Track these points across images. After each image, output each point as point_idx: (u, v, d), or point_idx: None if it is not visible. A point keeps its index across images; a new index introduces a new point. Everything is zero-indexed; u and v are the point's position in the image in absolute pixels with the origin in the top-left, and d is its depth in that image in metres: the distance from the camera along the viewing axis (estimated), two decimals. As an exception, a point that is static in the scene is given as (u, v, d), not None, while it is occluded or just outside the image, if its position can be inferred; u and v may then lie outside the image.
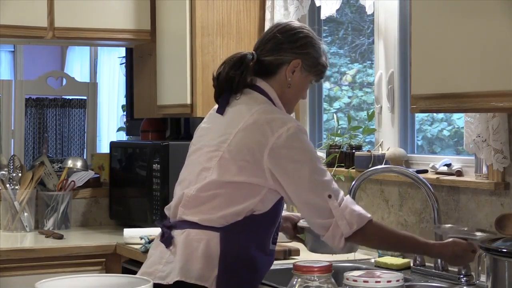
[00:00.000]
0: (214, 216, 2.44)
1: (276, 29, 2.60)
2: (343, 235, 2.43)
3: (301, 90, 2.61)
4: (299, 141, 2.43)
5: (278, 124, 2.43)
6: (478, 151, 2.86)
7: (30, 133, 6.77)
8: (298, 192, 2.43)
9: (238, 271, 2.44)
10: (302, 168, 2.41)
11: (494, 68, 2.25)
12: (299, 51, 2.57)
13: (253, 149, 2.41)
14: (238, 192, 2.43)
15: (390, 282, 1.99)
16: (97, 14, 4.17)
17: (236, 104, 2.53)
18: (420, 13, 2.54)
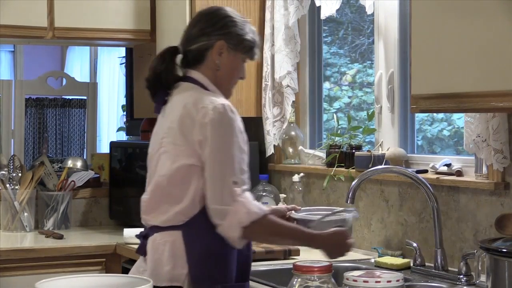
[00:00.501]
0: (171, 215, 2.49)
1: (196, 17, 2.65)
2: (240, 224, 2.42)
3: (234, 70, 2.63)
4: (222, 121, 2.45)
5: (205, 103, 2.47)
6: (478, 151, 2.86)
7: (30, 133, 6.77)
8: (208, 172, 2.45)
9: (208, 264, 2.47)
10: (218, 149, 2.44)
11: (494, 68, 2.25)
12: (220, 32, 2.59)
13: (185, 132, 2.47)
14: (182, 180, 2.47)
15: (390, 282, 2.00)
16: (97, 14, 4.17)
17: (170, 100, 2.58)
18: (420, 13, 2.54)
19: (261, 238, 2.58)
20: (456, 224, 3.00)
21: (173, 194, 2.49)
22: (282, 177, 4.06)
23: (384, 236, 3.36)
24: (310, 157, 3.89)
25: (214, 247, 2.47)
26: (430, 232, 3.09)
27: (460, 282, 2.75)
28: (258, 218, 2.43)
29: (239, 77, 2.67)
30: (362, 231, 3.50)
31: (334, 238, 2.56)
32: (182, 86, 2.59)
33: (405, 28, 3.37)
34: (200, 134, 2.45)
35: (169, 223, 2.50)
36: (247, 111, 4.09)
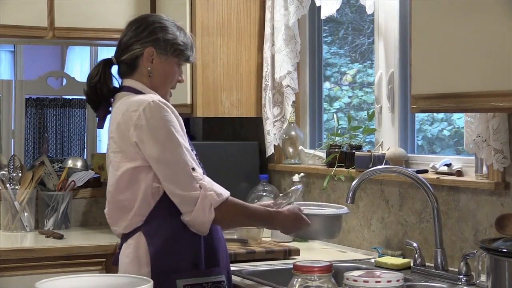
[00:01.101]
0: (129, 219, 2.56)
1: (126, 27, 2.70)
2: (212, 205, 2.47)
3: (168, 75, 2.68)
4: (155, 117, 2.49)
5: (135, 106, 2.52)
6: (478, 151, 2.86)
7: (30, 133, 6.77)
8: (162, 168, 2.49)
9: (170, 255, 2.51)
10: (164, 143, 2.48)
11: (494, 68, 2.25)
12: (148, 39, 2.64)
13: (123, 138, 2.53)
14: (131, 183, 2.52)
15: (390, 282, 2.00)
16: (97, 14, 4.17)
17: (112, 111, 2.65)
18: (420, 13, 2.54)
19: (229, 219, 2.58)
20: (456, 224, 3.00)
21: (125, 200, 2.55)
22: (282, 177, 4.06)
23: (384, 236, 3.36)
24: (310, 157, 3.89)
25: (174, 239, 2.52)
26: (430, 232, 3.09)
27: (460, 282, 2.75)
28: (226, 198, 2.50)
29: (176, 81, 2.72)
30: (362, 231, 3.50)
31: (292, 215, 2.63)
32: (118, 97, 2.65)
33: (405, 28, 3.37)
34: (137, 136, 2.49)
35: (131, 227, 2.58)
36: (247, 111, 4.09)
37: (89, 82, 2.68)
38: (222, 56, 4.02)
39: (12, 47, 8.05)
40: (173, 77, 2.69)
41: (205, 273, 2.56)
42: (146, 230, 2.54)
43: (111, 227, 2.68)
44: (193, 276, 2.53)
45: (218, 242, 2.63)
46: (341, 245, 3.59)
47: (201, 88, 3.99)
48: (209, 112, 4.04)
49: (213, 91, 4.02)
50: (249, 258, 3.24)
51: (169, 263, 2.51)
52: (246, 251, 3.27)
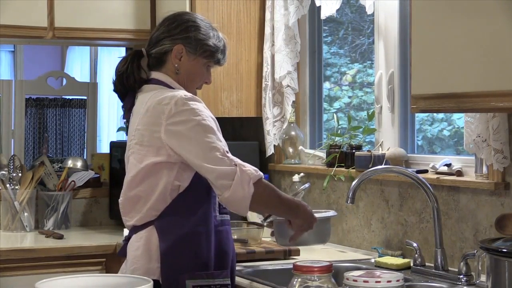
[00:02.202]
0: (143, 212, 2.54)
1: (161, 22, 2.70)
2: (251, 179, 2.46)
3: (195, 74, 2.67)
4: (186, 110, 2.49)
5: (166, 100, 2.51)
6: (478, 151, 2.86)
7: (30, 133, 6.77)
8: (197, 154, 2.48)
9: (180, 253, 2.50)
10: (195, 130, 2.48)
11: (494, 68, 2.25)
12: (179, 37, 2.64)
13: (151, 132, 2.52)
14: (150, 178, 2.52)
15: (390, 282, 1.99)
16: (97, 14, 4.17)
17: (137, 102, 2.64)
18: (420, 13, 2.54)
19: (265, 198, 2.54)
20: (456, 224, 3.00)
21: (142, 192, 2.54)
22: (282, 177, 4.06)
23: (384, 236, 3.36)
24: (310, 157, 3.89)
25: (187, 236, 2.51)
26: (430, 232, 3.08)
27: (460, 282, 2.75)
28: (261, 176, 2.50)
29: (203, 82, 2.71)
30: (362, 231, 3.50)
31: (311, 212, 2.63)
32: (145, 88, 2.64)
33: (405, 28, 3.37)
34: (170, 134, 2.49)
35: (143, 220, 2.56)
36: (247, 111, 4.09)
37: (117, 72, 2.67)
38: (222, 56, 4.02)
39: (12, 47, 8.04)
40: (200, 77, 2.69)
41: (214, 275, 2.55)
42: (159, 226, 2.53)
43: (122, 217, 2.64)
44: (202, 277, 2.52)
45: (228, 244, 2.62)
46: (341, 245, 3.59)
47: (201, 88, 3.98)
48: (209, 112, 4.04)
49: (213, 91, 4.02)
50: (249, 258, 3.24)
51: (179, 262, 2.50)
52: (246, 251, 3.27)
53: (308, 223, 2.62)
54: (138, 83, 2.65)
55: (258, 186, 2.48)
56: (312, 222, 2.63)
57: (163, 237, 2.51)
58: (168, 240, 2.51)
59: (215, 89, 4.02)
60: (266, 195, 2.53)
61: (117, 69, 2.68)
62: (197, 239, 2.53)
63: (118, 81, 2.67)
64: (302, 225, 2.63)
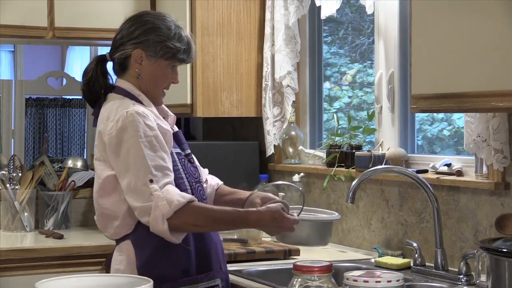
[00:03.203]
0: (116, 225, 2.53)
1: (121, 25, 2.67)
2: (164, 215, 2.39)
3: (157, 77, 2.61)
4: (126, 128, 2.44)
5: (111, 117, 2.49)
6: (478, 151, 2.86)
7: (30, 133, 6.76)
8: (123, 179, 2.45)
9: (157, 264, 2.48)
10: (127, 155, 2.44)
11: (494, 68, 2.25)
12: (137, 41, 2.59)
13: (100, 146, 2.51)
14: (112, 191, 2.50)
15: (390, 282, 1.99)
16: (97, 14, 4.17)
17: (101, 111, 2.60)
18: (420, 13, 2.54)
19: (192, 226, 2.47)
20: (456, 224, 3.00)
21: (107, 208, 2.52)
22: (282, 177, 4.06)
23: (384, 236, 3.35)
24: (310, 157, 3.89)
25: (162, 248, 2.49)
26: (430, 232, 3.08)
27: (460, 282, 2.75)
28: (181, 206, 2.40)
29: (169, 83, 2.65)
30: (362, 231, 3.50)
31: (269, 214, 2.49)
32: (109, 97, 2.60)
33: (405, 28, 3.37)
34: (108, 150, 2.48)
35: (118, 235, 2.56)
36: (247, 111, 4.09)
37: (83, 78, 2.63)
38: (222, 56, 4.02)
39: (12, 47, 8.05)
40: (163, 79, 2.62)
41: (197, 280, 2.53)
42: (134, 241, 2.52)
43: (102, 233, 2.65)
44: (185, 284, 2.50)
45: (210, 246, 2.59)
46: (341, 245, 3.59)
47: (201, 88, 3.99)
48: (209, 112, 4.04)
49: (213, 91, 4.02)
50: (249, 258, 3.24)
51: (158, 272, 2.47)
52: (246, 251, 3.27)
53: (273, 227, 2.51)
54: (104, 90, 2.61)
55: (174, 219, 2.40)
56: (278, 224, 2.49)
57: (139, 252, 2.50)
58: (144, 255, 2.50)
59: (215, 89, 4.02)
60: (190, 223, 2.44)
61: (83, 75, 2.63)
62: (173, 248, 2.49)
63: (85, 87, 2.62)
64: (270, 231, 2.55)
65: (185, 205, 2.41)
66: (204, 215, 2.47)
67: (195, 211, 2.44)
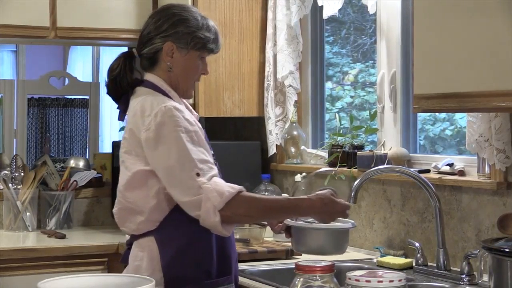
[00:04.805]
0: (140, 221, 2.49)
1: (147, 19, 2.64)
2: (215, 207, 2.36)
3: (189, 69, 2.60)
4: (166, 123, 2.42)
5: (148, 110, 2.46)
6: (480, 151, 2.85)
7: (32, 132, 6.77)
8: (167, 174, 2.42)
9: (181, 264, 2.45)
10: (169, 149, 2.42)
11: (497, 68, 2.25)
12: (168, 33, 2.56)
13: (134, 140, 2.47)
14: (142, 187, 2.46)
15: (392, 282, 1.99)
16: (99, 14, 4.17)
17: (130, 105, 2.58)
18: (422, 13, 2.54)
19: (244, 217, 2.47)
20: (458, 224, 3.00)
21: (134, 202, 2.49)
22: (284, 176, 4.06)
23: (386, 235, 3.35)
24: (312, 157, 3.89)
25: (188, 247, 2.46)
26: (432, 231, 3.08)
27: (463, 282, 2.74)
28: (232, 197, 2.38)
29: (200, 74, 2.64)
30: (364, 230, 3.50)
31: (319, 200, 2.46)
32: (138, 91, 2.58)
33: (407, 27, 3.37)
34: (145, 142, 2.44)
35: (141, 231, 2.51)
36: (249, 111, 4.09)
37: (110, 75, 2.61)
38: (224, 56, 4.02)
39: (14, 47, 8.05)
40: (195, 71, 2.61)
41: (218, 283, 2.50)
42: (159, 238, 2.48)
43: (119, 227, 2.59)
44: (206, 286, 2.48)
45: (230, 248, 2.57)
46: (343, 245, 3.58)
47: (203, 88, 3.99)
48: (211, 112, 4.04)
49: (215, 90, 4.02)
50: (251, 258, 3.24)
51: (182, 272, 2.44)
52: (248, 251, 3.27)
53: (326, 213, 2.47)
54: (131, 85, 2.59)
55: (226, 211, 2.38)
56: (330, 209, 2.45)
57: (163, 251, 2.46)
58: (168, 253, 2.46)
59: (217, 89, 4.02)
60: (243, 214, 2.42)
61: (109, 72, 2.62)
62: (198, 249, 2.47)
63: (111, 84, 2.61)
64: (323, 218, 2.49)
65: (236, 195, 2.39)
66: (255, 204, 2.45)
67: (246, 201, 2.43)
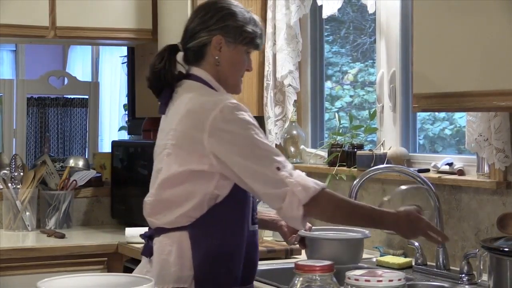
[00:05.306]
0: (176, 216, 2.42)
1: (194, 12, 2.58)
2: (300, 201, 2.34)
3: (236, 63, 2.55)
4: (235, 119, 2.38)
5: (210, 106, 2.39)
6: (480, 150, 2.86)
7: (32, 132, 6.78)
8: (245, 168, 2.37)
9: (213, 265, 2.41)
10: (243, 144, 2.38)
11: (496, 67, 2.25)
12: (216, 27, 2.51)
13: (193, 137, 2.39)
14: (189, 185, 2.40)
15: (392, 281, 1.99)
16: (98, 13, 4.17)
17: (175, 98, 2.51)
18: (422, 12, 2.54)
19: (326, 215, 2.44)
20: (458, 223, 3.00)
21: (176, 197, 2.42)
22: (284, 176, 4.05)
23: (385, 235, 3.35)
24: (311, 156, 3.89)
25: (220, 248, 2.42)
26: (432, 231, 3.08)
27: (462, 281, 2.75)
28: (316, 193, 2.36)
29: (245, 70, 2.59)
30: (364, 230, 3.49)
31: (407, 215, 2.44)
32: (185, 85, 2.52)
33: (407, 27, 3.37)
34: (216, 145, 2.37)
35: (174, 224, 2.43)
36: (248, 110, 4.08)
37: (153, 68, 2.53)
38: (224, 55, 4.02)
39: (13, 47, 8.06)
40: (242, 65, 2.56)
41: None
42: (193, 234, 2.42)
43: (147, 217, 2.51)
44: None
45: (255, 257, 2.54)
46: (343, 244, 3.58)
47: (244, 76, 3.97)
48: (211, 112, 4.04)
49: (214, 90, 4.01)
50: (251, 257, 3.23)
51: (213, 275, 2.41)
52: (247, 251, 3.27)
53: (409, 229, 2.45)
54: (175, 79, 2.53)
55: (310, 206, 2.36)
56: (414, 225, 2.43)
57: (196, 247, 2.41)
58: (201, 251, 2.40)
59: (216, 88, 4.01)
60: (325, 212, 2.41)
61: (153, 66, 2.54)
62: (230, 251, 2.44)
63: (154, 78, 2.53)
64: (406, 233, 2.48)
65: (321, 191, 2.38)
66: (341, 204, 2.43)
67: (332, 200, 2.41)
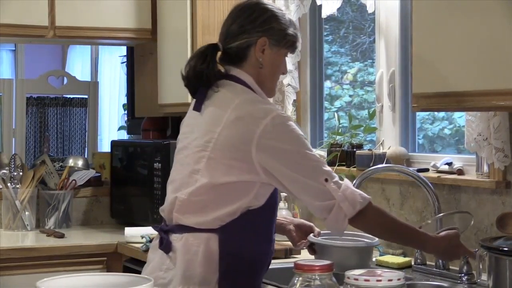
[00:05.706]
0: (208, 218, 2.38)
1: (234, 12, 2.53)
2: (346, 216, 2.37)
3: (277, 66, 2.52)
4: (285, 130, 2.36)
5: (261, 115, 2.35)
6: (479, 150, 2.86)
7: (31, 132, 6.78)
8: (294, 180, 2.36)
9: (240, 269, 2.40)
10: (293, 156, 2.36)
11: (495, 67, 2.25)
12: (262, 29, 2.47)
13: (240, 146, 2.35)
14: (231, 193, 2.37)
15: (391, 281, 1.99)
16: (98, 13, 4.17)
17: (215, 98, 2.46)
18: (421, 12, 2.54)
19: (370, 229, 2.49)
20: (457, 223, 2.99)
21: (220, 203, 2.38)
22: (283, 176, 4.05)
23: (385, 235, 3.35)
24: (311, 156, 3.88)
25: (248, 254, 2.41)
26: (431, 231, 3.08)
27: (461, 281, 2.75)
28: (362, 207, 2.39)
29: (282, 73, 2.57)
30: (363, 230, 3.49)
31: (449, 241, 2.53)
32: (229, 87, 2.47)
33: (406, 26, 3.37)
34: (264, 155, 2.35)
35: (205, 226, 2.39)
36: (248, 110, 4.08)
37: (194, 68, 2.47)
38: (223, 55, 4.02)
39: (13, 46, 8.05)
40: (281, 69, 2.54)
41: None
42: (222, 237, 2.38)
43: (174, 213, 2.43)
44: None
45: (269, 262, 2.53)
46: (342, 244, 3.58)
47: (281, 80, 3.96)
48: (210, 111, 4.03)
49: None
50: (250, 257, 3.23)
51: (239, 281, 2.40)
52: (247, 250, 3.26)
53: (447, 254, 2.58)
54: (216, 79, 2.48)
55: (357, 219, 2.39)
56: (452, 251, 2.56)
57: (224, 251, 2.38)
58: (229, 255, 2.38)
59: (216, 88, 4.01)
60: (369, 226, 2.45)
61: (194, 66, 2.48)
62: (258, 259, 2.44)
63: (195, 77, 2.48)
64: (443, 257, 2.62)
65: (367, 206, 2.41)
66: (382, 222, 2.47)
67: (378, 215, 2.45)
